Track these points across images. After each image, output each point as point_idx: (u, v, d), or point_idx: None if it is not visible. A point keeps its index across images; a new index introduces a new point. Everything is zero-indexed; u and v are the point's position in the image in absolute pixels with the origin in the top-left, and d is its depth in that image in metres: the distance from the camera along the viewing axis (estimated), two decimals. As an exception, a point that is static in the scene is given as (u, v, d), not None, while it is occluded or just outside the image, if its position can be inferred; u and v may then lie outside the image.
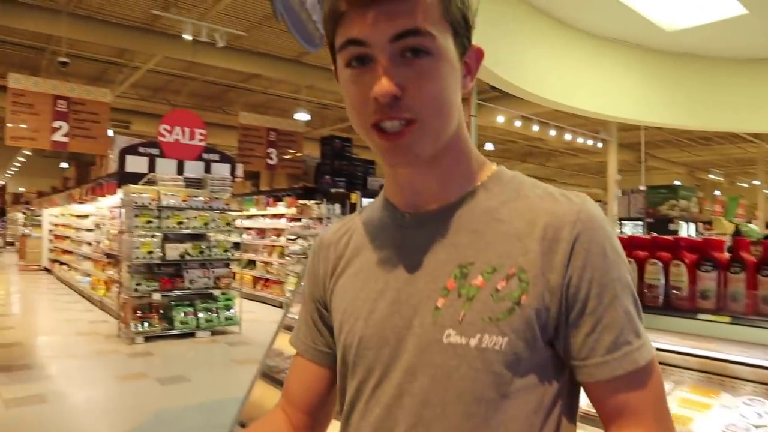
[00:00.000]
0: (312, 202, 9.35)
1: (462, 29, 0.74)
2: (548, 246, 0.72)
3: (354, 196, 8.57)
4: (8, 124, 8.34)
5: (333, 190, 9.10)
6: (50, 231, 15.89)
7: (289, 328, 3.27)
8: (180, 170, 8.29)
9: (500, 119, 11.79)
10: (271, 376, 3.07)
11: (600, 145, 13.39)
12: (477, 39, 0.78)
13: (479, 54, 0.80)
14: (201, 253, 7.70)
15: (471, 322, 0.71)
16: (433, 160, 0.76)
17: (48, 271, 15.61)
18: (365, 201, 8.70)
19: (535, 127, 11.85)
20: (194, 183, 7.97)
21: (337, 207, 8.65)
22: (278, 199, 11.29)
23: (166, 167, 8.17)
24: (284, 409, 0.94)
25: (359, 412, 0.79)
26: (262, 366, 3.12)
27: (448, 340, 0.71)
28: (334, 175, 9.31)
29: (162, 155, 8.23)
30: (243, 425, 2.82)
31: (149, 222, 7.32)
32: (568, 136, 12.65)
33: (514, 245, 0.73)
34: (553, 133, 12.32)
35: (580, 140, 13.08)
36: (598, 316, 0.71)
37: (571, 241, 0.71)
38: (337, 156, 9.26)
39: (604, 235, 0.73)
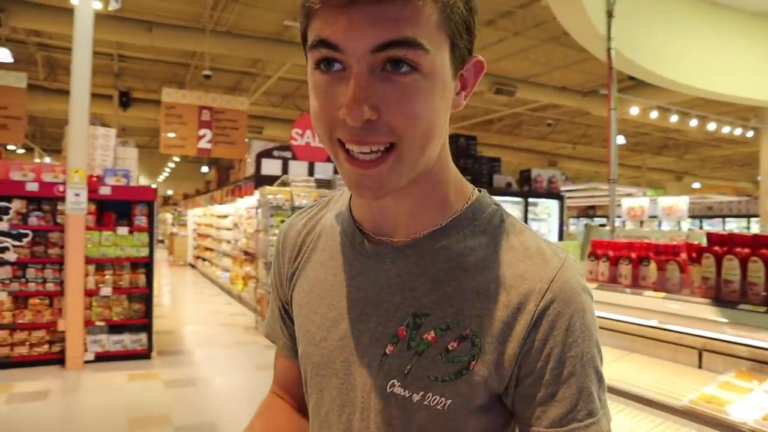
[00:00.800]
0: (439, 200, 9.34)
1: (463, 40, 0.63)
2: (510, 314, 0.66)
3: (478, 194, 8.45)
4: (162, 134, 9.23)
5: (458, 189, 9.04)
6: (194, 230, 17.31)
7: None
8: (311, 172, 8.70)
9: (634, 111, 11.08)
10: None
11: (750, 134, 12.13)
12: (615, 25, 0.70)
13: (479, 67, 0.69)
14: (330, 251, 8.00)
15: (417, 377, 0.68)
16: (406, 187, 0.67)
17: (192, 266, 17.05)
18: (489, 199, 8.55)
19: (674, 118, 11.00)
20: (324, 183, 8.32)
21: (462, 205, 8.58)
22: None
23: (297, 169, 8.61)
24: (280, 396, 0.97)
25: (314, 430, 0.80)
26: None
27: (391, 389, 0.69)
28: (460, 173, 9.26)
29: (294, 158, 8.69)
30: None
31: (283, 221, 7.72)
32: (711, 126, 11.60)
33: (473, 304, 0.68)
34: (694, 123, 11.36)
35: (725, 129, 11.94)
36: (550, 390, 0.66)
37: (535, 313, 0.66)
38: (462, 154, 9.20)
39: (574, 309, 0.66)
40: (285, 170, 8.55)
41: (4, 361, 5.41)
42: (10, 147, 15.70)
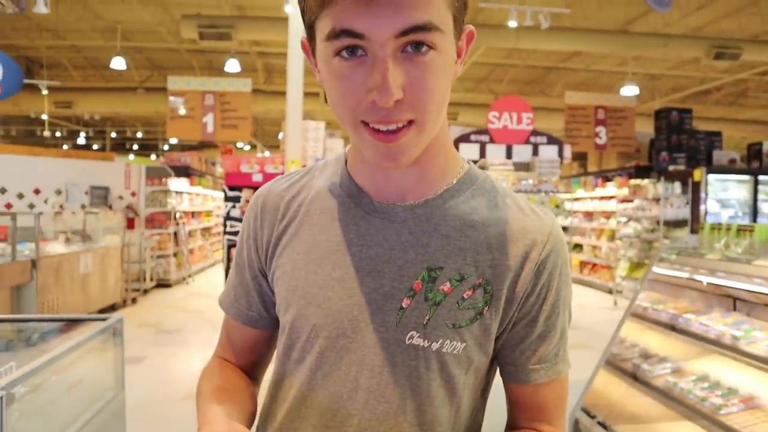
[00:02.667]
0: (647, 181, 8.61)
1: (461, 14, 0.68)
2: (517, 263, 0.75)
3: (697, 173, 7.57)
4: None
5: (671, 168, 8.24)
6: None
7: (637, 315, 3.07)
8: (508, 154, 8.58)
9: None
10: (615, 364, 2.93)
11: None
12: None
13: (471, 37, 0.74)
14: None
15: (435, 326, 0.73)
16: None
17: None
18: (710, 178, 7.63)
19: None
20: (522, 167, 8.16)
21: (677, 186, 7.78)
22: (607, 179, 10.76)
23: (495, 152, 8.56)
24: (228, 360, 0.92)
25: (309, 399, 0.78)
26: (606, 354, 3.00)
27: (410, 341, 0.74)
28: (672, 150, 8.41)
29: (491, 141, 8.64)
30: (587, 412, 2.76)
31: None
32: None
33: (484, 256, 0.75)
34: None
35: None
36: (540, 330, 0.77)
37: (538, 262, 0.75)
38: (675, 130, 8.33)
39: (564, 258, 0.78)
40: (482, 154, 8.54)
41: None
42: (239, 144, 18.00)
